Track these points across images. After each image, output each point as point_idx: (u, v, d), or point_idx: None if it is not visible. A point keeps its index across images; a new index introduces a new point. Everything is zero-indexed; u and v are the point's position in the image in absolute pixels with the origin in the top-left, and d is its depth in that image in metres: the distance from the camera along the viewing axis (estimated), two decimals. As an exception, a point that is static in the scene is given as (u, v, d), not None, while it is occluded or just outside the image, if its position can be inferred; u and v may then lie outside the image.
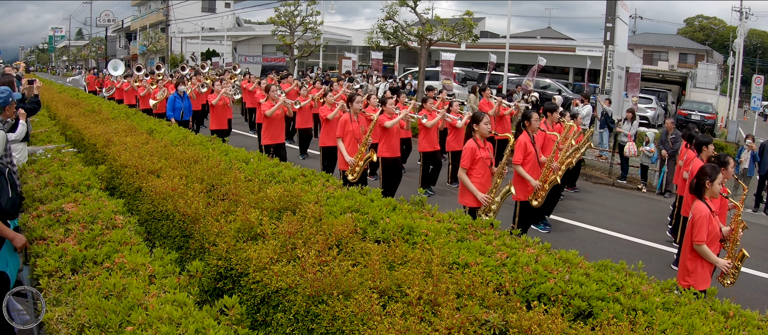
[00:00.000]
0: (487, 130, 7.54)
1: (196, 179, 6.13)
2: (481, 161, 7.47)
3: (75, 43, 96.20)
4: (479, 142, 7.52)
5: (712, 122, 28.30)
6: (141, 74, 22.99)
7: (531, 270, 3.93)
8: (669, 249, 9.69)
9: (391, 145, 10.23)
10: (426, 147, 11.99)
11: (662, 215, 12.26)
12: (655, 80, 40.46)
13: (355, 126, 9.44)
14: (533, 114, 8.67)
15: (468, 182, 7.43)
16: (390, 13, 25.81)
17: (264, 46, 54.73)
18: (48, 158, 7.20)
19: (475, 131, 7.54)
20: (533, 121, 8.64)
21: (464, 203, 7.58)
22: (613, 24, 19.51)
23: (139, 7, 73.01)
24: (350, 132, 9.39)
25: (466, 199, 7.57)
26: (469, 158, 7.42)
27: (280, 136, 11.85)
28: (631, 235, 10.24)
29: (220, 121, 14.22)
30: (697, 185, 5.82)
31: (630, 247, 9.64)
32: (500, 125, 14.24)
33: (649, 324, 3.32)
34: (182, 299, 3.36)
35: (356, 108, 9.58)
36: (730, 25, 46.89)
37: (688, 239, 5.67)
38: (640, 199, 14.01)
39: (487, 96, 15.44)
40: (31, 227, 4.78)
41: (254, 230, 4.60)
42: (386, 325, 3.18)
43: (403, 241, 4.47)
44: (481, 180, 7.48)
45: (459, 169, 7.55)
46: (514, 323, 3.18)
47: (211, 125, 14.23)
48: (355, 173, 9.15)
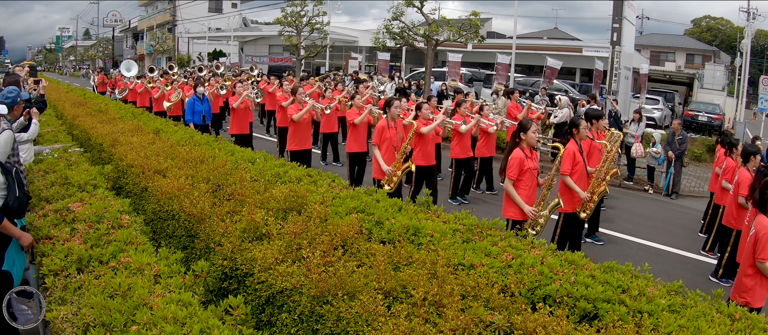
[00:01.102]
0: (536, 138, 7.19)
1: (202, 179, 6.14)
2: (528, 172, 7.09)
3: (82, 43, 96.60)
4: (526, 151, 7.13)
5: (719, 123, 28.20)
6: (154, 75, 22.43)
7: (536, 272, 3.92)
8: (673, 250, 9.67)
9: (426, 152, 9.78)
10: (459, 154, 11.55)
11: (668, 217, 12.24)
12: (662, 81, 40.35)
13: (393, 133, 8.92)
14: (582, 121, 8.14)
15: (515, 194, 7.05)
16: (396, 13, 25.81)
17: (271, 46, 54.78)
18: (55, 158, 7.22)
19: (522, 140, 7.18)
20: (582, 128, 8.08)
21: (509, 216, 7.20)
22: (619, 24, 19.48)
23: (146, 7, 73.20)
24: (387, 139, 8.86)
25: (511, 212, 7.18)
26: (517, 169, 7.03)
27: (307, 141, 11.30)
28: (638, 237, 10.22)
29: (242, 125, 13.41)
30: (762, 199, 5.43)
31: (636, 248, 9.61)
32: None
33: (655, 327, 3.31)
34: (187, 299, 3.37)
35: (394, 114, 8.97)
36: (737, 26, 46.72)
37: (750, 255, 5.39)
38: (646, 200, 13.97)
39: (515, 99, 14.71)
40: (37, 226, 4.80)
41: (260, 231, 4.60)
42: (391, 326, 3.17)
43: (408, 242, 4.47)
44: (527, 192, 7.12)
45: (505, 180, 7.15)
46: (519, 325, 3.17)
47: (232, 128, 13.38)
48: (392, 183, 8.67)
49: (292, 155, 10.95)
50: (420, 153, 9.68)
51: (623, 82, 20.18)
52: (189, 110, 13.52)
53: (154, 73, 23.11)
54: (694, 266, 9.04)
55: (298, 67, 34.89)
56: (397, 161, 8.72)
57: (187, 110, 13.67)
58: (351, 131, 10.97)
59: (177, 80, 18.82)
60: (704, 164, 19.80)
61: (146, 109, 17.56)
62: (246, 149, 8.27)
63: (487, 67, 34.83)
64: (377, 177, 8.93)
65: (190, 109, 13.49)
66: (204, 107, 13.71)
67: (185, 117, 13.66)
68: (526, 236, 4.89)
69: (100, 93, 25.82)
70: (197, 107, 13.55)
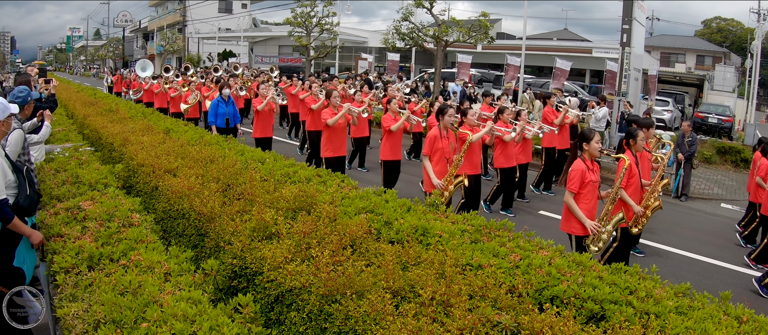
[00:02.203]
0: (598, 149, 6.85)
1: (212, 178, 6.17)
2: (590, 185, 6.74)
3: (93, 43, 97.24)
4: (588, 163, 6.79)
5: (729, 125, 28.04)
6: (170, 75, 21.87)
7: (544, 273, 3.93)
8: (681, 252, 9.64)
9: (472, 162, 9.07)
10: (503, 163, 10.79)
11: (678, 219, 12.20)
12: (672, 83, 40.17)
13: (445, 143, 8.30)
14: (639, 132, 7.62)
15: (576, 209, 6.69)
16: (406, 14, 25.80)
17: (280, 46, 54.95)
18: (65, 157, 7.27)
19: (584, 151, 6.85)
20: (639, 140, 7.58)
21: (569, 230, 6.85)
22: (629, 25, 19.38)
23: (157, 7, 73.52)
24: (440, 150, 8.24)
25: (573, 226, 6.81)
26: (578, 181, 6.68)
27: (343, 147, 10.61)
28: (645, 239, 10.17)
29: (265, 128, 12.79)
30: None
31: (644, 249, 9.57)
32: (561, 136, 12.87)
33: (662, 328, 3.31)
34: (197, 297, 3.39)
35: (448, 122, 8.37)
36: (748, 27, 46.42)
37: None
38: (655, 202, 13.91)
39: (551, 104, 13.45)
40: (48, 224, 4.84)
41: (269, 230, 4.62)
42: (399, 325, 3.19)
43: (417, 242, 4.48)
44: (588, 206, 6.76)
45: (566, 193, 6.78)
46: (526, 325, 3.18)
47: (255, 132, 12.74)
48: (444, 197, 7.94)
49: (327, 162, 10.34)
50: (467, 162, 8.81)
51: (633, 83, 20.10)
52: (212, 113, 12.62)
53: (170, 74, 22.59)
54: (702, 268, 9.01)
55: (307, 68, 34.95)
56: (449, 174, 8.17)
57: (210, 113, 12.75)
58: (387, 137, 10.26)
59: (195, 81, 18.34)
60: (714, 167, 19.71)
61: (163, 110, 17.48)
62: (256, 149, 8.28)
63: (497, 69, 34.78)
64: (427, 190, 8.31)
65: (214, 111, 12.60)
66: (229, 109, 12.77)
67: (208, 119, 12.88)
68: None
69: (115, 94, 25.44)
70: (221, 109, 12.63)
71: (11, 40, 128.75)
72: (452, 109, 8.51)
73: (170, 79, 20.42)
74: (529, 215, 11.25)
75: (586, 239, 6.76)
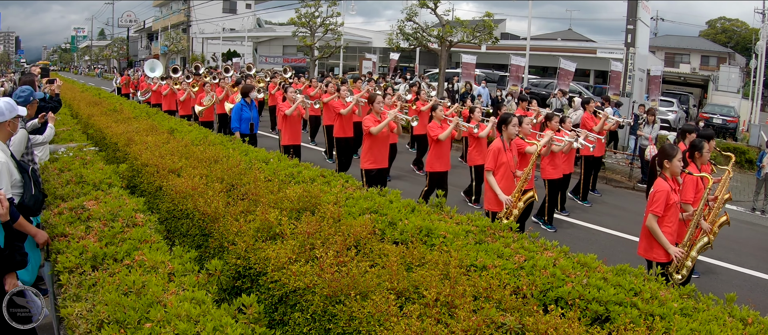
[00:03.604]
0: (681, 167, 6.26)
1: (216, 178, 6.17)
2: (674, 207, 6.17)
3: (97, 43, 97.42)
4: (671, 182, 6.19)
5: (734, 125, 28.01)
6: (179, 76, 21.03)
7: (549, 274, 3.92)
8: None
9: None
10: (551, 174, 10.29)
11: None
12: (677, 83, 40.11)
13: (510, 156, 7.70)
14: (705, 144, 7.18)
15: (660, 234, 6.08)
16: (410, 14, 25.86)
17: (284, 47, 55.06)
18: (70, 157, 7.27)
19: (666, 168, 6.26)
20: (705, 153, 7.14)
21: (651, 257, 6.24)
22: (634, 26, 19.38)
23: (161, 7, 73.67)
24: (505, 164, 7.63)
25: (655, 253, 6.21)
26: (663, 203, 6.05)
27: (385, 159, 9.57)
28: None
29: (294, 134, 11.84)
30: None
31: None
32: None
33: (667, 330, 3.30)
34: (201, 297, 3.39)
35: (511, 133, 7.78)
36: (752, 28, 46.31)
37: None
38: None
39: (591, 109, 12.74)
40: (52, 224, 4.84)
41: (273, 230, 4.62)
42: (403, 326, 3.18)
43: (421, 243, 4.48)
44: (671, 229, 6.21)
45: (649, 216, 6.11)
46: (530, 326, 3.17)
47: (284, 139, 11.79)
48: (512, 216, 7.38)
49: (367, 175, 9.31)
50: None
51: (638, 84, 20.07)
52: (236, 117, 11.76)
53: (179, 74, 21.88)
54: (707, 269, 8.97)
55: (312, 68, 35.00)
56: (517, 190, 7.54)
57: (233, 117, 11.85)
58: (434, 147, 9.60)
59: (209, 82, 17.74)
60: (718, 168, 19.63)
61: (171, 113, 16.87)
62: (260, 149, 8.27)
63: (501, 69, 34.81)
64: (493, 209, 7.65)
65: (237, 116, 11.74)
66: (252, 113, 11.97)
67: (232, 125, 11.89)
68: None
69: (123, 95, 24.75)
70: (245, 113, 11.80)
71: (16, 40, 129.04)
72: (515, 118, 7.91)
73: (179, 80, 19.82)
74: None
75: (669, 267, 6.17)
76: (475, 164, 10.96)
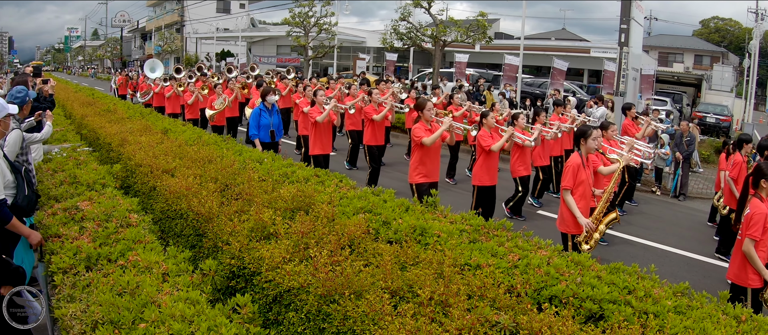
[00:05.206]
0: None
1: (210, 178, 6.17)
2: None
3: (90, 43, 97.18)
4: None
5: (727, 124, 28.14)
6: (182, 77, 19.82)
7: (543, 272, 3.93)
8: (680, 252, 9.63)
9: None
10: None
11: (676, 219, 12.20)
12: (671, 82, 40.23)
13: (588, 174, 6.82)
14: None
15: (756, 259, 5.46)
16: (404, 14, 25.88)
17: (278, 46, 54.99)
18: (63, 157, 7.26)
19: (762, 188, 5.61)
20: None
21: (744, 283, 5.62)
22: (627, 25, 19.42)
23: (155, 7, 73.54)
24: (584, 182, 6.75)
25: (751, 279, 5.57)
26: (761, 227, 5.42)
27: (436, 172, 8.52)
28: (645, 238, 10.18)
29: (325, 143, 10.78)
30: None
31: (643, 250, 9.58)
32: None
33: (661, 328, 3.31)
34: (195, 297, 3.39)
35: (591, 147, 6.86)
36: (745, 27, 46.45)
37: None
38: (654, 202, 13.91)
39: (631, 115, 12.02)
40: (46, 224, 4.83)
41: (267, 230, 4.62)
42: (397, 325, 3.18)
43: (415, 242, 4.48)
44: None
45: (745, 240, 5.50)
46: (524, 325, 3.17)
47: (313, 148, 10.70)
48: (593, 240, 6.65)
49: (418, 190, 8.26)
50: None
51: (631, 83, 20.12)
52: (254, 123, 10.69)
53: (182, 75, 20.49)
54: (701, 268, 9.01)
55: (306, 68, 34.97)
56: (599, 212, 6.77)
57: (251, 124, 10.79)
58: (484, 158, 9.02)
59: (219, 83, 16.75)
60: (712, 166, 19.71)
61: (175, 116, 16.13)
62: (254, 149, 8.25)
63: (495, 68, 34.81)
64: (570, 232, 6.82)
65: (256, 121, 10.69)
66: (273, 119, 10.85)
67: (250, 132, 10.80)
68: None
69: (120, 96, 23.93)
70: (264, 119, 10.74)
71: (9, 41, 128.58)
72: (597, 131, 7.04)
73: (183, 81, 18.50)
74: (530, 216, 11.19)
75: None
76: (520, 176, 10.27)
